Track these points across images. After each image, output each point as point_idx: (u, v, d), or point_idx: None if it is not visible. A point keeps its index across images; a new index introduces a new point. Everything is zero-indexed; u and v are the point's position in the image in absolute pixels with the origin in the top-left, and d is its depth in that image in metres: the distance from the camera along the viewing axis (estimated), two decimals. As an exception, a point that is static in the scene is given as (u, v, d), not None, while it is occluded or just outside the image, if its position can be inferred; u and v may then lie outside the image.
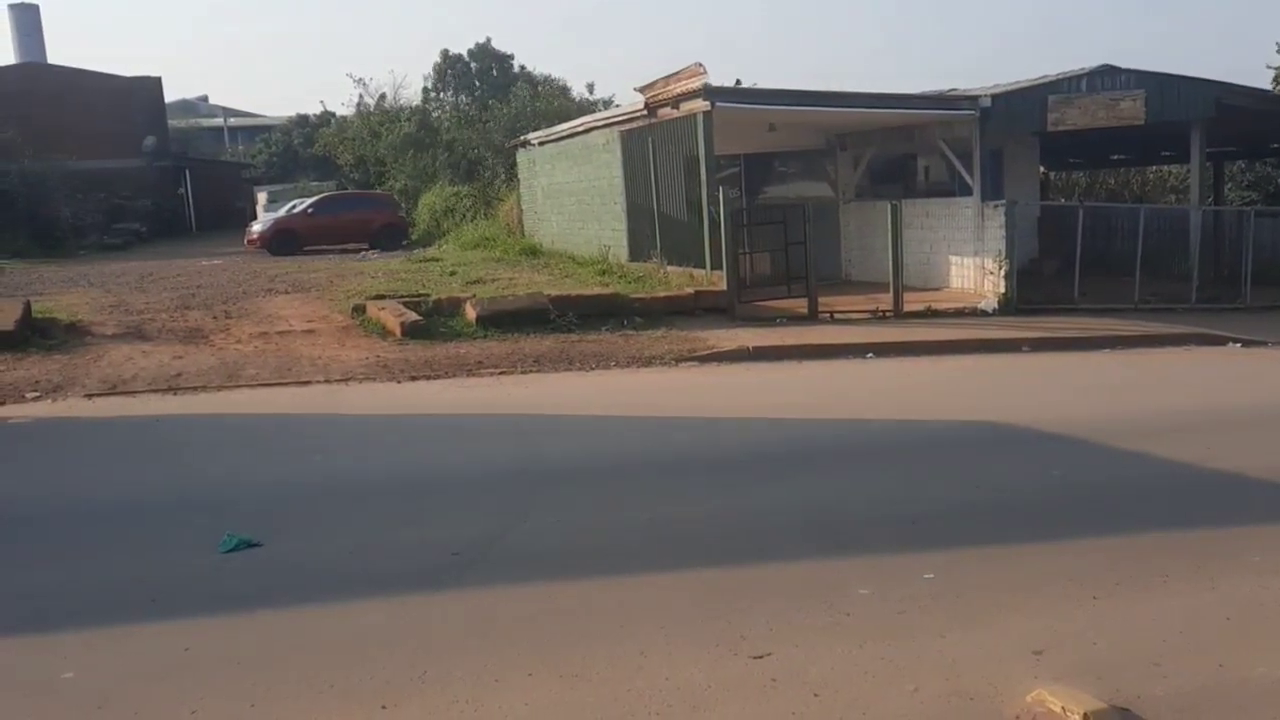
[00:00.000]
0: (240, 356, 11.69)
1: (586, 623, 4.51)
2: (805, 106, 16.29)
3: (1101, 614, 4.49)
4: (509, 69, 37.28)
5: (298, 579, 5.14)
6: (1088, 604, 4.60)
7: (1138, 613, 4.49)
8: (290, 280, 18.58)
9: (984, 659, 4.06)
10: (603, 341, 12.51)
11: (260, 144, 48.18)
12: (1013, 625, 4.38)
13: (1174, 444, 7.45)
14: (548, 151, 23.79)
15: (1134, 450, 7.38)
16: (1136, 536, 5.56)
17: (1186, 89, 16.42)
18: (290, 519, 6.17)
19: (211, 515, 6.23)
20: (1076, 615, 4.47)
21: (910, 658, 4.08)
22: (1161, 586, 4.82)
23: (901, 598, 4.68)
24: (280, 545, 5.65)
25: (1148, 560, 5.16)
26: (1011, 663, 4.01)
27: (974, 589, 4.81)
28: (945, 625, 4.39)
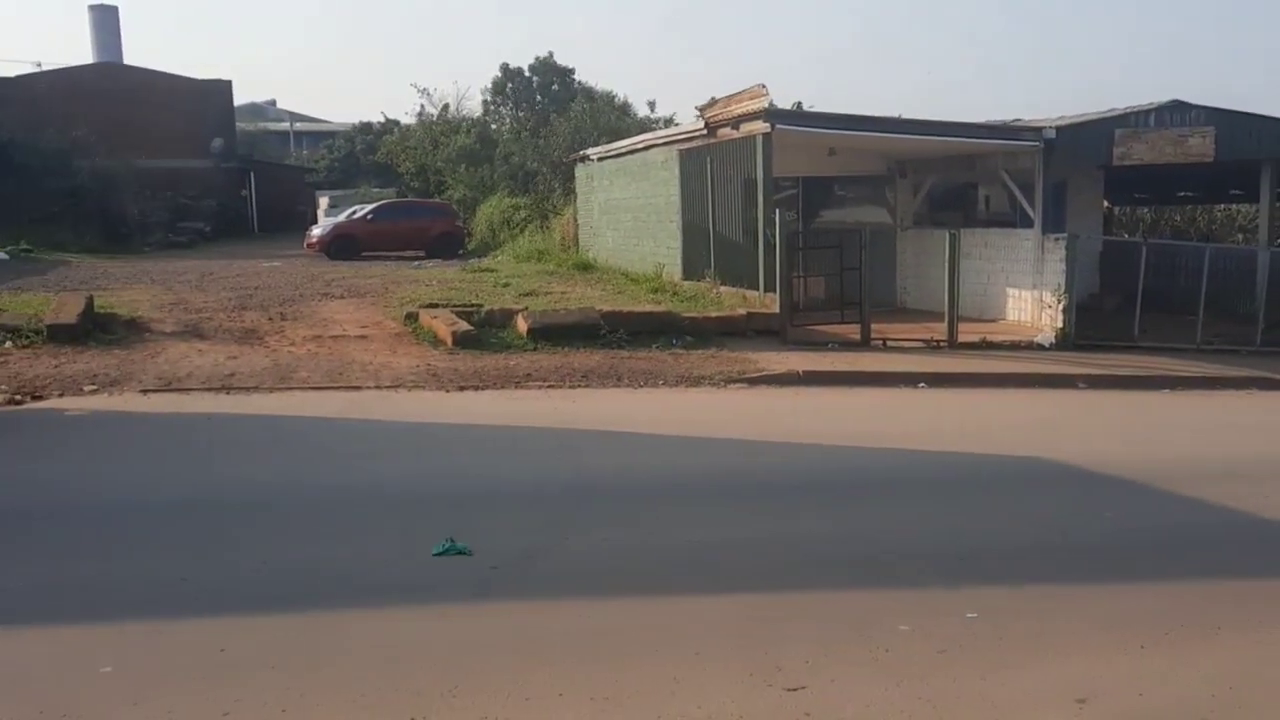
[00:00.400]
0: (293, 359, 11.85)
1: (622, 644, 4.48)
2: (866, 132, 16.19)
3: (1148, 664, 4.36)
4: (570, 84, 37.51)
5: (338, 585, 5.17)
6: (1135, 652, 4.48)
7: (1186, 665, 4.36)
8: (346, 285, 18.82)
9: (1024, 704, 3.96)
10: (652, 359, 12.49)
11: (324, 149, 48.97)
12: (1056, 670, 4.28)
13: (1230, 491, 7.25)
14: (606, 167, 23.90)
15: (1188, 495, 7.20)
16: (1188, 585, 5.41)
17: (1257, 127, 16.07)
18: (333, 524, 6.22)
19: (256, 516, 6.31)
20: (1122, 664, 4.35)
21: (948, 699, 4.00)
22: (1212, 638, 4.68)
23: (943, 636, 4.59)
24: (322, 550, 5.70)
25: (1198, 610, 5.01)
26: (1053, 709, 3.91)
27: (1018, 631, 4.70)
28: (986, 667, 4.30)
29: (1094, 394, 12.31)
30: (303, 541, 5.87)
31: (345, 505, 6.59)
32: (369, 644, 4.47)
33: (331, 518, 6.33)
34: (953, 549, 5.93)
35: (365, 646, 4.44)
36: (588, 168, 25.47)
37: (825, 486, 7.34)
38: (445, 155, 35.17)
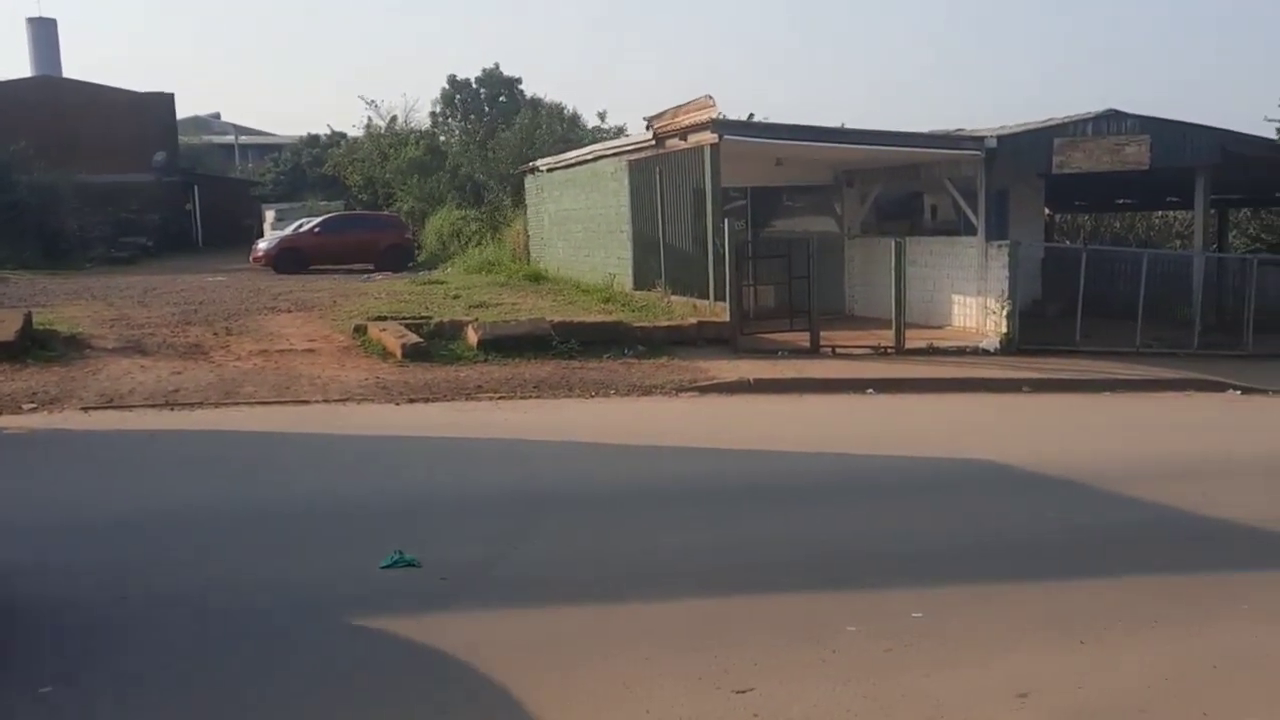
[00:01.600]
0: (239, 374, 11.71)
1: (572, 652, 4.49)
2: (812, 142, 16.37)
3: (1088, 659, 4.46)
4: (518, 95, 37.49)
5: (282, 601, 5.12)
6: (1075, 648, 4.57)
7: (1125, 658, 4.47)
8: (293, 299, 18.63)
9: (968, 700, 4.03)
10: (604, 369, 12.52)
11: (270, 162, 48.44)
12: (998, 667, 4.36)
13: (1170, 489, 7.43)
14: (556, 178, 23.91)
15: (1129, 494, 7.36)
16: (1127, 581, 5.53)
17: (1191, 135, 16.49)
18: (280, 539, 6.16)
19: (199, 533, 6.23)
20: (1062, 659, 4.45)
21: (894, 696, 4.06)
22: (1150, 632, 4.80)
23: (889, 636, 4.66)
24: (268, 566, 5.64)
25: (1137, 605, 5.13)
26: (995, 705, 3.98)
27: (962, 629, 4.79)
28: (931, 665, 4.37)
29: (1038, 397, 12.54)
30: (247, 558, 5.80)
31: (292, 520, 6.52)
32: (315, 660, 4.43)
33: (277, 533, 6.26)
34: (899, 551, 6.02)
35: (311, 663, 4.41)
36: (537, 179, 25.46)
37: (774, 492, 7.41)
38: (394, 167, 34.97)
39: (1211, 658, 4.49)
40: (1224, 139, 16.60)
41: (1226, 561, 5.96)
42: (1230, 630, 4.83)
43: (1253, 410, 12.51)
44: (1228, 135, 16.75)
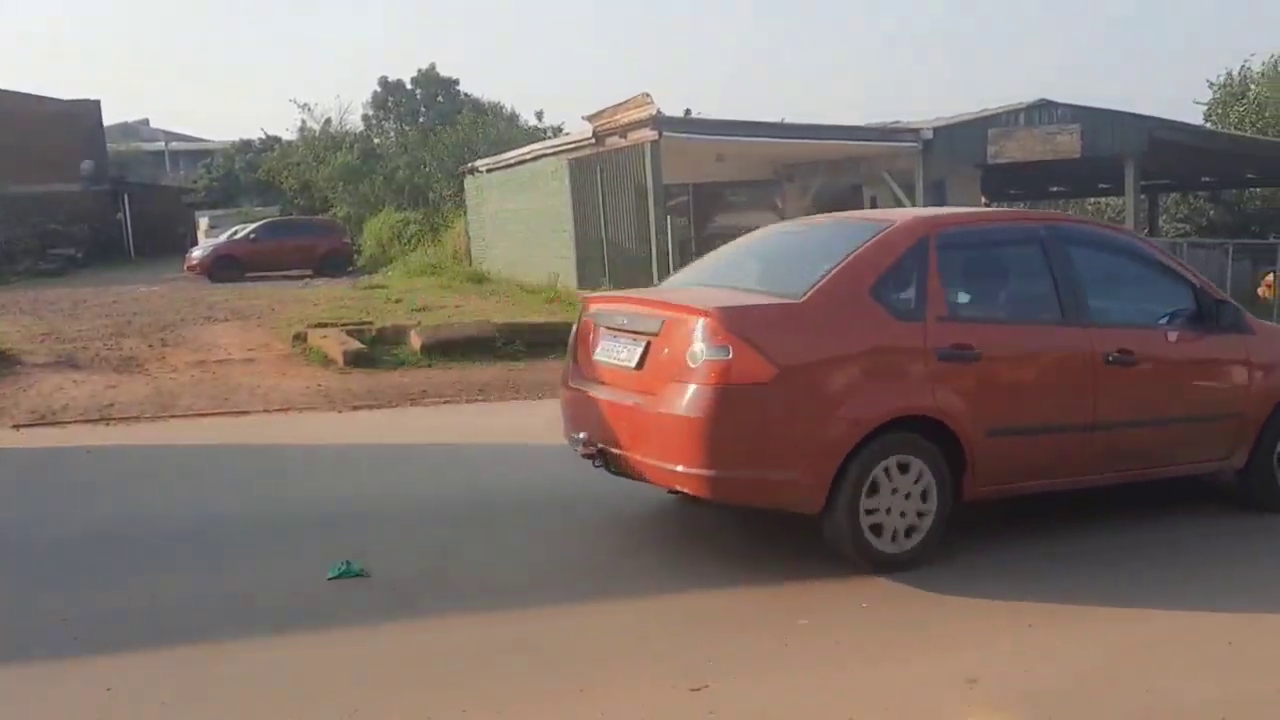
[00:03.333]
0: (176, 386, 11.47)
1: (525, 657, 4.45)
2: (752, 138, 16.51)
3: (1037, 641, 4.53)
4: (455, 95, 37.22)
5: (229, 615, 5.01)
6: (1023, 631, 4.64)
7: (1071, 640, 4.54)
8: (230, 307, 18.30)
9: (919, 687, 4.07)
10: (550, 370, 12.43)
11: (202, 169, 47.55)
12: (947, 653, 4.41)
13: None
14: (495, 179, 23.78)
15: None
16: (1073, 564, 5.62)
17: (1120, 123, 16.87)
18: (224, 553, 6.03)
19: (140, 548, 6.09)
20: (1011, 643, 4.51)
21: (847, 686, 4.08)
22: (1095, 615, 4.87)
23: (840, 627, 4.68)
24: (212, 580, 5.52)
25: (1084, 587, 5.21)
26: (946, 691, 4.02)
27: (910, 617, 4.83)
28: (881, 654, 4.40)
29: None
30: (191, 572, 5.67)
31: (236, 533, 6.39)
32: (260, 674, 4.34)
33: (221, 546, 6.13)
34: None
35: (260, 675, 4.32)
36: (477, 179, 25.30)
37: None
38: (326, 174, 34.54)
39: (1155, 636, 4.58)
40: (1152, 126, 17.02)
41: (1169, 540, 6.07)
42: (1173, 609, 4.92)
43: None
44: (1155, 122, 17.17)
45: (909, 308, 5.34)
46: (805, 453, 5.07)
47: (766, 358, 4.98)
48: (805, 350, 5.12)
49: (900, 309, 5.34)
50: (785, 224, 7.92)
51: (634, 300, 6.05)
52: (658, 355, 5.35)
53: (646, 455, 5.35)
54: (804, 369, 5.09)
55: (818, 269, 5.38)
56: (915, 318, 5.31)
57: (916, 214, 6.42)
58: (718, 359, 4.98)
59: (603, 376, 5.82)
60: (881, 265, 5.35)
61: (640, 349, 5.48)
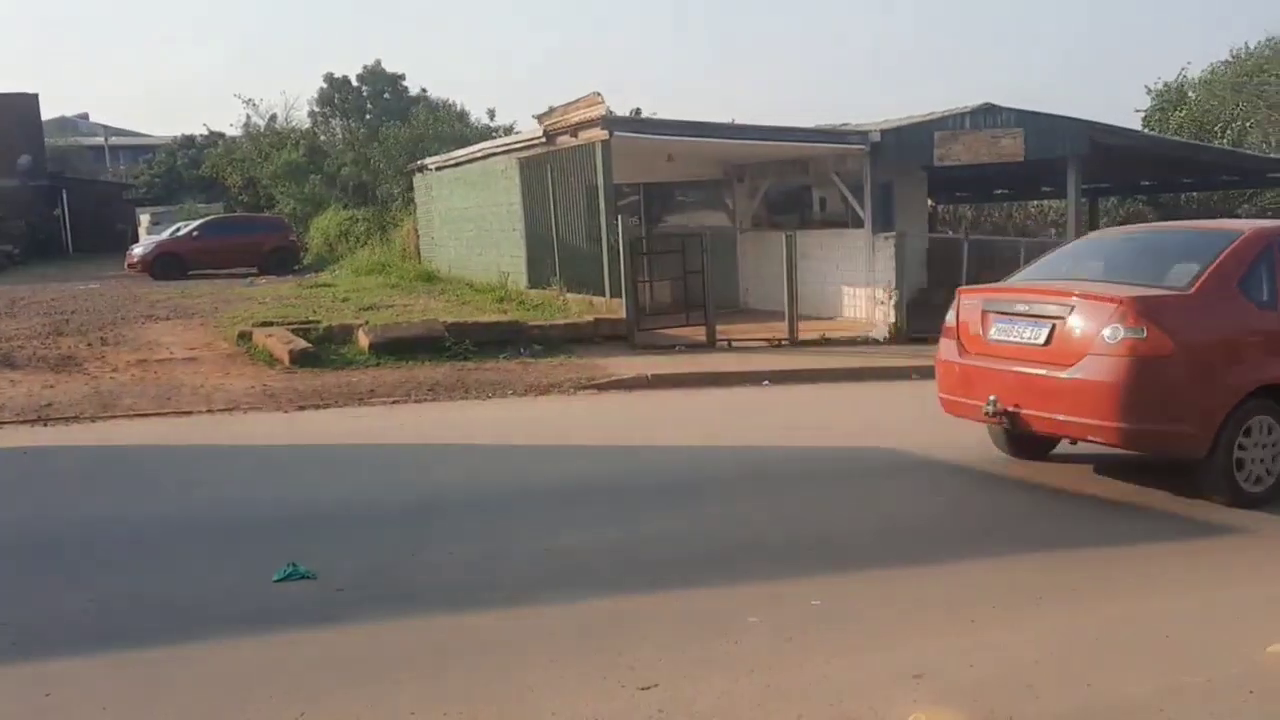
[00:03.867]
0: (117, 385, 11.25)
1: (475, 657, 4.44)
2: (702, 138, 16.52)
3: (979, 637, 4.60)
4: (402, 92, 36.88)
5: (173, 618, 4.93)
6: (966, 627, 4.71)
7: (1013, 635, 4.62)
8: (172, 306, 18.00)
9: (866, 683, 4.12)
10: (500, 369, 12.41)
11: (143, 164, 46.61)
12: (895, 649, 4.46)
13: (1055, 471, 7.72)
14: (445, 177, 23.61)
15: (1016, 477, 7.62)
16: (1015, 560, 5.73)
17: (1062, 127, 17.16)
18: (166, 556, 5.94)
19: (81, 551, 5.97)
20: (955, 639, 4.58)
21: (796, 684, 4.12)
22: (1036, 609, 4.97)
23: (790, 625, 4.72)
24: (154, 583, 5.43)
25: (1025, 584, 5.31)
26: (892, 687, 4.07)
27: (859, 614, 4.89)
28: (830, 651, 4.44)
29: (926, 384, 12.83)
30: (132, 575, 5.58)
31: (179, 535, 6.30)
32: (206, 677, 4.28)
33: (164, 549, 6.04)
34: (798, 540, 6.11)
35: (204, 680, 4.26)
36: (426, 177, 25.11)
37: (674, 487, 7.45)
38: (270, 172, 34.05)
39: (1095, 631, 4.66)
40: (1093, 130, 17.33)
41: (1108, 538, 6.21)
42: (1112, 604, 5.04)
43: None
44: (1096, 127, 17.49)
45: (1264, 299, 6.70)
46: (1196, 411, 6.47)
47: (1169, 336, 6.38)
48: (1195, 331, 6.53)
49: (1259, 300, 6.70)
50: (1119, 230, 9.66)
51: (1036, 291, 7.24)
52: (1066, 334, 6.70)
53: (1059, 413, 6.71)
54: (1194, 346, 6.49)
55: (1190, 268, 6.78)
56: (1270, 307, 6.69)
57: (1259, 225, 7.38)
58: (1133, 337, 6.36)
59: (1003, 353, 7.17)
60: (1242, 265, 6.72)
61: (1046, 330, 6.85)
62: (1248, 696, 4.00)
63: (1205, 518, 6.49)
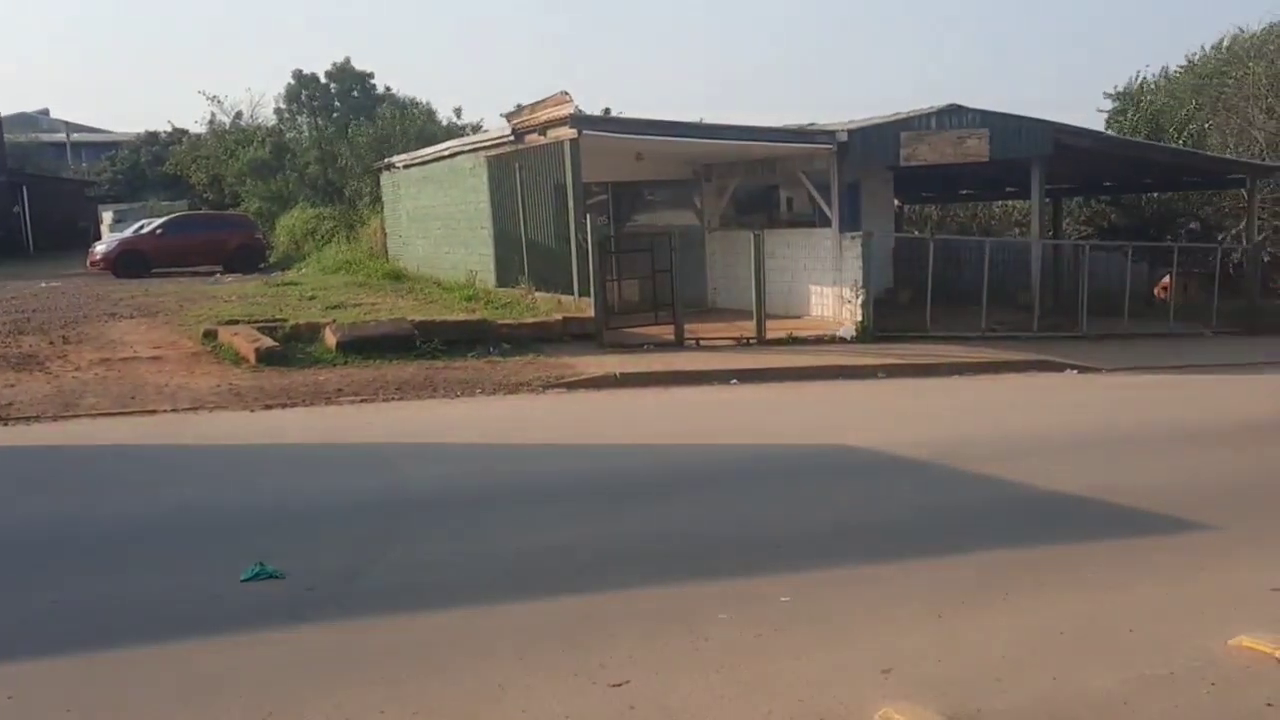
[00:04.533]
0: (79, 384, 11.10)
1: (445, 656, 4.43)
2: (671, 137, 16.55)
3: (946, 632, 4.65)
4: (371, 89, 36.63)
5: (139, 620, 4.88)
6: (933, 622, 4.76)
7: (979, 630, 4.68)
8: (136, 304, 17.78)
9: (835, 679, 4.15)
10: (469, 368, 12.37)
11: (106, 161, 45.98)
12: (863, 645, 4.50)
13: (1017, 466, 7.81)
14: (413, 175, 23.48)
15: (980, 473, 7.70)
16: (981, 555, 5.79)
17: (1027, 128, 17.34)
18: (132, 556, 5.87)
19: (43, 552, 5.89)
20: (923, 633, 4.63)
21: (765, 680, 4.14)
22: (1002, 603, 5.03)
23: (758, 621, 4.75)
24: (120, 584, 5.37)
25: (990, 579, 5.38)
26: (861, 682, 4.11)
27: (827, 610, 4.92)
28: (799, 647, 4.48)
29: (892, 382, 13.01)
30: (98, 577, 5.51)
31: (144, 535, 6.23)
32: (174, 678, 4.24)
33: (129, 550, 5.97)
34: (767, 537, 6.15)
35: (170, 681, 4.21)
36: (394, 176, 24.96)
37: (643, 485, 7.47)
38: (235, 170, 33.70)
39: (1060, 625, 4.73)
40: (1057, 131, 17.52)
41: (1070, 533, 6.30)
42: (1076, 598, 5.11)
43: (1089, 388, 13.26)
44: (1060, 128, 17.69)
45: None
46: None
47: None
48: None
49: None
50: None
51: None
52: None
53: None
54: None
55: None
56: None
57: None
58: None
59: None
60: None
61: None
62: (1209, 688, 4.07)
63: (1167, 512, 6.60)
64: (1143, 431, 9.82)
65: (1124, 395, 12.73)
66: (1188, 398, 12.56)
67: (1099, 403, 12.14)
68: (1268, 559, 5.77)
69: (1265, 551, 5.94)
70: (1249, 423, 10.42)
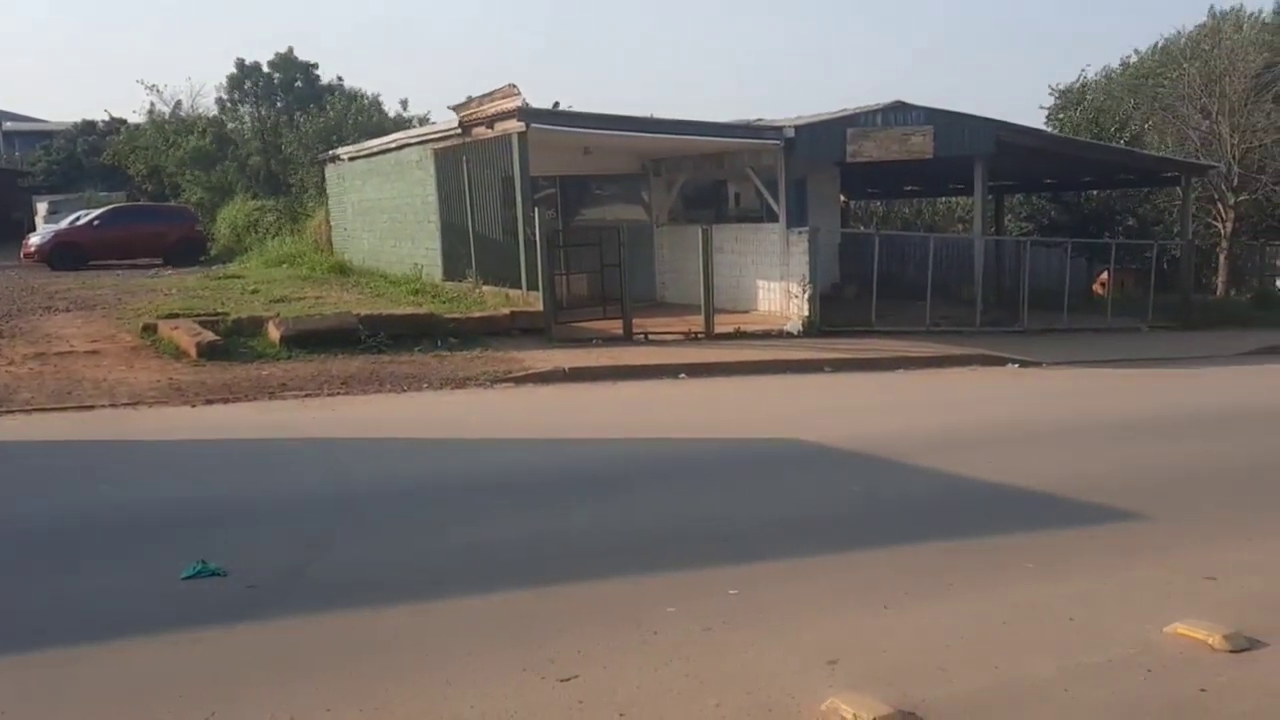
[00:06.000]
0: (13, 379, 10.82)
1: (392, 654, 4.38)
2: (618, 131, 16.54)
3: (891, 623, 4.71)
4: (315, 80, 36.10)
5: (74, 620, 4.77)
6: (879, 613, 4.82)
7: (924, 620, 4.74)
8: (72, 297, 17.38)
9: (783, 671, 4.18)
10: (415, 362, 12.26)
11: (41, 150, 44.77)
12: (810, 637, 4.54)
13: (961, 458, 7.93)
14: (358, 167, 23.21)
15: (925, 465, 7.81)
16: (925, 547, 5.87)
17: (970, 126, 17.60)
18: (67, 555, 5.73)
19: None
20: (868, 625, 4.68)
21: (714, 673, 4.16)
22: (946, 594, 5.10)
23: (707, 614, 4.77)
24: (55, 584, 5.24)
25: (934, 570, 5.45)
26: (808, 673, 4.15)
27: (775, 603, 4.95)
28: (747, 639, 4.50)
29: (839, 376, 13.13)
30: (31, 575, 5.38)
31: (80, 534, 6.08)
32: (111, 679, 4.15)
33: (65, 548, 5.82)
34: (715, 531, 6.17)
35: (107, 682, 4.13)
36: (339, 168, 24.65)
37: (591, 479, 7.46)
38: (176, 158, 33.03)
39: (1002, 615, 4.81)
40: (999, 129, 17.82)
41: (1013, 524, 6.40)
42: (1018, 588, 5.20)
43: (1030, 381, 13.50)
44: (1003, 126, 17.99)
45: None
46: None
47: None
48: None
49: None
50: None
51: None
52: None
53: None
54: None
55: None
56: None
57: None
58: None
59: None
60: None
61: None
62: (1145, 675, 4.17)
63: (1106, 503, 6.74)
64: (1081, 424, 10.02)
65: (1063, 388, 12.98)
66: (1125, 391, 12.84)
67: (1039, 396, 12.37)
68: (1203, 548, 5.92)
69: (1200, 541, 6.09)
70: (1185, 415, 10.68)
